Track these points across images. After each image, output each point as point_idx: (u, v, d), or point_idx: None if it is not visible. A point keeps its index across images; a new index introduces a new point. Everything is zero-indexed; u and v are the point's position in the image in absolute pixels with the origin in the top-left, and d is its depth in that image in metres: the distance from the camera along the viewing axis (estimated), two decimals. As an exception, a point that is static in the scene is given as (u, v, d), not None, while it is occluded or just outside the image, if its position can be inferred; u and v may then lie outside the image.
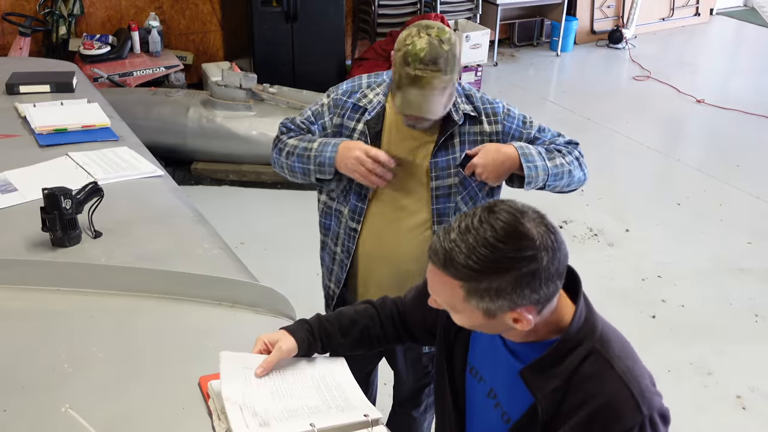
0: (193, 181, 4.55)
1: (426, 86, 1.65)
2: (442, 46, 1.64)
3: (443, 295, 1.17)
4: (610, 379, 1.15)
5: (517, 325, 1.14)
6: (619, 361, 1.17)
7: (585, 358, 1.17)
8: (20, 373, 1.46)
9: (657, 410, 1.16)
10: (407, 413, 2.27)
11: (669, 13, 8.02)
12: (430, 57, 1.63)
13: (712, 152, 5.39)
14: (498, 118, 1.86)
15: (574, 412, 1.15)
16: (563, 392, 1.16)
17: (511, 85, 6.41)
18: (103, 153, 2.40)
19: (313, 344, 1.46)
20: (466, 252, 1.08)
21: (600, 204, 4.50)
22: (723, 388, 3.06)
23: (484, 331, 1.22)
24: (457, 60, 1.67)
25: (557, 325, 1.20)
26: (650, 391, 1.17)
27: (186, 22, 5.70)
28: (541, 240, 1.09)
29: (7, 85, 2.90)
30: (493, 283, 1.09)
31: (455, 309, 1.17)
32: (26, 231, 1.91)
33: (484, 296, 1.11)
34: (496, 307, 1.12)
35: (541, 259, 1.08)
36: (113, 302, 1.70)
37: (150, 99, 4.56)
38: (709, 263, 3.93)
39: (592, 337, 1.18)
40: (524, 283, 1.09)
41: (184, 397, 1.40)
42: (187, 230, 2.05)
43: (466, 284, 1.11)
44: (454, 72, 1.67)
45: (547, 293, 1.12)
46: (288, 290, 1.81)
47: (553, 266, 1.10)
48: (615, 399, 1.14)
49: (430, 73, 1.63)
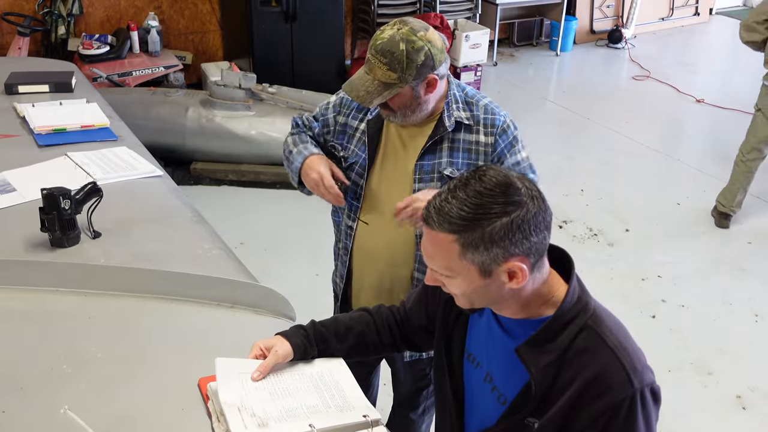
0: (193, 181, 4.54)
1: (370, 71, 1.66)
2: (400, 44, 1.63)
3: (439, 258, 1.19)
4: (602, 352, 1.18)
5: (512, 282, 1.17)
6: (611, 336, 1.19)
7: (578, 334, 1.19)
8: (19, 373, 1.46)
9: (648, 385, 1.18)
10: (405, 415, 2.27)
11: (668, 12, 8.02)
12: (383, 48, 1.64)
13: (711, 152, 5.38)
14: (495, 131, 1.81)
15: (568, 386, 1.18)
16: (557, 367, 1.19)
17: (511, 84, 6.41)
18: (102, 153, 2.39)
19: (308, 349, 1.47)
20: (458, 205, 1.14)
21: (600, 204, 4.49)
22: (723, 388, 3.06)
23: (480, 298, 1.23)
24: (414, 66, 1.63)
25: (550, 301, 1.23)
26: (642, 366, 1.19)
27: (185, 21, 5.69)
28: (526, 190, 1.15)
29: (6, 85, 2.89)
30: (486, 230, 1.13)
31: (452, 270, 1.19)
32: (25, 231, 1.91)
33: (479, 246, 1.13)
34: (491, 259, 1.14)
35: (528, 204, 1.14)
36: (112, 303, 1.69)
37: (149, 99, 4.55)
38: (709, 263, 3.93)
39: (585, 314, 1.21)
40: (515, 227, 1.12)
41: (183, 399, 1.40)
42: (187, 230, 2.05)
43: (461, 237, 1.14)
44: (405, 73, 1.63)
45: (537, 243, 1.15)
46: (287, 291, 1.81)
47: (540, 215, 1.15)
48: (606, 371, 1.16)
49: (376, 61, 1.64)
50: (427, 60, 1.65)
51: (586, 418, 1.17)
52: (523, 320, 1.25)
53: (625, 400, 1.15)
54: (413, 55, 1.63)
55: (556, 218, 4.29)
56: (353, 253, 1.95)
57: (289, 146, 1.92)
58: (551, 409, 1.19)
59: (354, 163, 1.87)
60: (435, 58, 1.66)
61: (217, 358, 1.40)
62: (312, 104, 4.50)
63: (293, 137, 1.94)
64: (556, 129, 5.67)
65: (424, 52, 1.64)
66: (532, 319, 1.24)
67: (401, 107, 1.72)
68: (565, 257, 1.28)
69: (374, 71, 1.66)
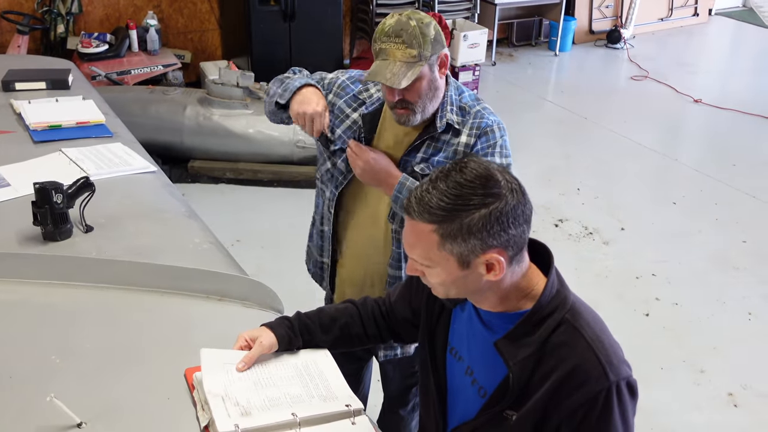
0: (190, 179, 4.56)
1: (389, 56, 1.65)
2: (410, 21, 1.63)
3: (419, 248, 1.20)
4: (578, 346, 1.19)
5: (490, 275, 1.18)
6: (588, 330, 1.21)
7: (556, 328, 1.21)
8: (8, 363, 1.47)
9: (624, 379, 1.19)
10: (395, 411, 2.29)
11: (667, 13, 8.03)
12: (394, 30, 1.64)
13: (708, 152, 5.40)
14: (478, 132, 1.77)
15: (545, 380, 1.19)
16: (535, 361, 1.20)
17: (510, 84, 6.42)
18: (97, 149, 2.41)
19: (293, 340, 1.48)
20: (437, 195, 1.16)
21: (596, 203, 4.51)
22: (715, 386, 3.07)
23: (459, 290, 1.24)
24: (429, 40, 1.64)
25: (529, 295, 1.24)
26: (618, 360, 1.21)
27: (184, 20, 5.71)
28: (506, 183, 1.17)
29: (3, 82, 2.91)
30: (464, 221, 1.14)
31: (431, 261, 1.20)
32: (18, 225, 1.93)
33: (457, 237, 1.15)
34: (468, 250, 1.16)
35: (507, 197, 1.15)
36: (103, 295, 1.71)
37: (147, 97, 4.57)
38: (703, 262, 3.94)
39: (564, 308, 1.23)
40: (493, 219, 1.14)
41: (169, 388, 1.42)
42: (178, 225, 2.07)
43: (440, 227, 1.16)
44: (422, 48, 1.63)
45: (515, 236, 1.17)
46: (282, 288, 1.82)
47: (519, 208, 1.17)
48: (582, 364, 1.18)
49: (392, 45, 1.64)
50: (437, 35, 1.66)
51: (563, 410, 1.19)
52: (502, 314, 1.26)
53: (601, 393, 1.17)
54: (425, 29, 1.64)
55: (552, 217, 4.31)
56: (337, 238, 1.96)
57: (283, 76, 1.89)
58: (529, 401, 1.21)
59: (342, 150, 1.86)
60: (442, 35, 1.68)
61: (203, 348, 1.42)
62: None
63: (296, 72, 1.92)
64: (554, 128, 5.68)
65: (434, 26, 1.66)
66: (511, 313, 1.25)
67: (421, 96, 1.70)
68: (545, 251, 1.29)
69: (392, 54, 1.64)
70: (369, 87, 1.88)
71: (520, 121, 5.54)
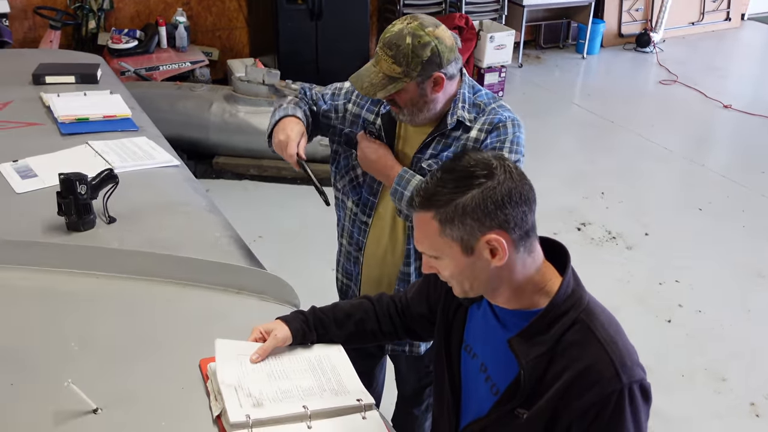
0: (215, 175, 4.61)
1: (376, 64, 1.67)
2: (407, 38, 1.61)
3: (424, 238, 1.22)
4: (592, 346, 1.18)
5: (495, 259, 1.18)
6: (602, 331, 1.20)
7: (569, 327, 1.20)
8: (28, 349, 1.51)
9: (637, 382, 1.18)
10: (409, 411, 2.29)
11: (699, 17, 7.93)
12: (390, 40, 1.64)
13: (737, 158, 5.31)
14: (489, 128, 1.75)
15: (557, 379, 1.19)
16: (547, 359, 1.20)
17: (536, 87, 6.38)
18: (122, 142, 2.45)
19: (307, 334, 1.50)
20: (435, 183, 1.19)
21: (620, 207, 4.47)
22: (737, 395, 3.03)
23: (471, 282, 1.24)
24: (420, 61, 1.62)
25: (543, 290, 1.24)
26: (632, 362, 1.19)
27: (212, 18, 5.77)
28: (498, 164, 1.18)
29: (34, 75, 2.97)
30: (458, 203, 1.16)
31: (437, 250, 1.22)
32: (44, 215, 1.96)
33: (454, 219, 1.17)
34: (468, 233, 1.17)
35: (499, 176, 1.16)
36: (123, 285, 1.74)
37: (174, 93, 4.63)
38: (728, 269, 3.88)
39: (579, 308, 1.22)
40: (486, 196, 1.16)
41: (184, 378, 1.44)
42: (199, 219, 2.09)
43: (437, 213, 1.18)
44: (410, 68, 1.62)
45: (514, 216, 1.17)
46: (303, 285, 1.84)
47: (515, 188, 1.17)
48: (595, 365, 1.17)
49: (383, 54, 1.65)
50: (434, 56, 1.63)
51: (574, 411, 1.18)
52: (516, 311, 1.26)
53: (612, 394, 1.16)
54: (419, 50, 1.61)
55: (575, 220, 4.28)
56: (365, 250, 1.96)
57: (281, 102, 1.93)
58: (540, 400, 1.20)
59: None
60: (442, 56, 1.64)
61: (217, 339, 1.44)
62: (334, 101, 4.54)
63: (290, 99, 1.93)
64: (579, 131, 5.64)
65: (431, 48, 1.62)
66: (525, 311, 1.25)
67: (407, 105, 1.70)
68: (562, 251, 1.29)
69: (380, 63, 1.66)
70: None
71: (546, 124, 5.51)
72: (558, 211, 4.32)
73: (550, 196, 4.12)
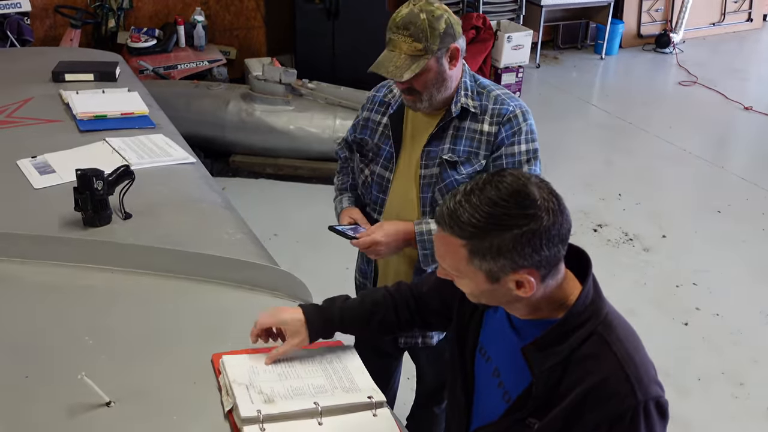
0: (231, 173, 4.63)
1: (395, 48, 1.67)
2: (420, 15, 1.64)
3: (448, 259, 1.18)
4: (607, 360, 1.15)
5: (520, 291, 1.15)
6: (619, 345, 1.17)
7: (585, 340, 1.17)
8: (43, 342, 1.53)
9: (653, 399, 1.15)
10: (429, 409, 2.29)
11: (720, 18, 7.84)
12: (403, 22, 1.65)
13: (757, 160, 5.25)
14: (500, 120, 1.77)
15: (570, 391, 1.16)
16: (561, 371, 1.17)
17: (553, 87, 6.35)
18: (139, 139, 2.47)
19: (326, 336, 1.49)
20: (470, 210, 1.11)
21: (637, 209, 4.43)
22: (754, 399, 2.99)
23: (489, 300, 1.22)
24: (437, 33, 1.65)
25: (562, 304, 1.20)
26: (649, 378, 1.16)
27: (230, 17, 5.80)
28: (543, 201, 1.11)
29: (54, 72, 3.00)
30: (494, 240, 1.10)
31: (460, 272, 1.18)
32: (61, 210, 1.99)
33: (486, 255, 1.12)
34: (498, 268, 1.13)
35: (542, 218, 1.10)
36: (138, 280, 1.75)
37: (192, 92, 4.66)
38: (746, 272, 3.83)
39: (596, 319, 1.18)
40: (525, 241, 1.10)
41: (196, 373, 1.44)
42: (214, 216, 2.10)
43: (469, 243, 1.12)
44: (429, 42, 1.65)
45: (548, 257, 1.12)
46: (317, 282, 1.84)
47: (554, 228, 1.11)
48: (609, 380, 1.14)
49: (399, 36, 1.66)
50: (449, 28, 1.67)
51: (585, 424, 1.15)
52: (533, 320, 1.23)
53: (627, 411, 1.13)
54: (435, 23, 1.65)
55: (591, 222, 4.25)
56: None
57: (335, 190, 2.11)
58: (552, 411, 1.18)
59: (378, 156, 1.89)
60: (455, 27, 1.69)
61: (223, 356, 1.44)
62: (350, 101, 4.55)
63: (336, 177, 2.11)
64: (597, 132, 5.60)
65: (445, 20, 1.66)
66: (542, 320, 1.22)
67: (428, 86, 1.72)
68: (584, 257, 1.24)
69: (399, 47, 1.67)
70: (393, 88, 1.92)
71: (563, 125, 5.48)
72: (574, 212, 4.24)
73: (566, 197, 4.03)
